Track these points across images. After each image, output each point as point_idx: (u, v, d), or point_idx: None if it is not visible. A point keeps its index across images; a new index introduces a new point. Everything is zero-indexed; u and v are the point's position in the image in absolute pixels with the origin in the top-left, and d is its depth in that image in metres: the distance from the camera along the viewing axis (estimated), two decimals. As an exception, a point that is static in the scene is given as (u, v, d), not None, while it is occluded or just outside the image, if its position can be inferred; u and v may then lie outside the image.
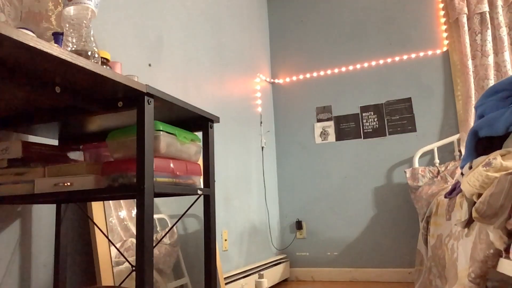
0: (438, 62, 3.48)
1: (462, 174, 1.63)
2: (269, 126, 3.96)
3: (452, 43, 3.44)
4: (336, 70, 3.86)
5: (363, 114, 3.68)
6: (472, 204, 1.41)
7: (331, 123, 3.78)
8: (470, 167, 1.47)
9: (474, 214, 1.31)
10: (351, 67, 3.80)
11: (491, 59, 3.23)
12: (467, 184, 1.41)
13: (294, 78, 4.02)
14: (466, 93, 3.27)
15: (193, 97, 2.63)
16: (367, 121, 3.65)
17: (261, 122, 3.74)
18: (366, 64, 3.74)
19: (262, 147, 3.69)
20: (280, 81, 4.08)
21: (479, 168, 1.35)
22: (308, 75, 3.97)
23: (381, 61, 3.69)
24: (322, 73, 3.91)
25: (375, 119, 3.63)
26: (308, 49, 4.00)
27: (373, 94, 3.68)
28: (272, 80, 4.12)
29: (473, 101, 3.24)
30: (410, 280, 3.25)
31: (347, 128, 3.72)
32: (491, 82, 3.20)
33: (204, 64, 2.85)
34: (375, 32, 3.74)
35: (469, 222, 1.50)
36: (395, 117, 3.55)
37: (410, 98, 3.53)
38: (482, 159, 1.42)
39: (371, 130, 3.63)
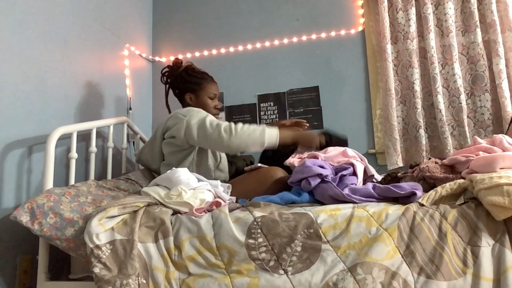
0: (352, 44, 2.64)
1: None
2: (144, 115, 2.87)
3: (369, 21, 2.64)
4: (231, 49, 2.87)
5: (261, 105, 2.74)
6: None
7: (222, 114, 2.80)
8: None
9: None
10: (249, 46, 2.83)
11: (415, 43, 2.46)
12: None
13: (181, 56, 2.96)
14: (385, 83, 2.47)
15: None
16: (265, 114, 2.72)
17: (129, 108, 2.64)
18: (267, 43, 2.81)
19: (133, 142, 2.60)
20: (163, 59, 3.00)
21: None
22: (197, 54, 2.94)
23: (285, 40, 2.77)
24: (214, 51, 2.91)
25: (275, 111, 2.71)
26: (200, 22, 2.97)
27: (274, 81, 2.75)
28: (152, 58, 3.03)
29: (394, 94, 2.45)
30: None
31: (241, 121, 2.75)
32: (416, 71, 2.41)
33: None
34: (279, 5, 2.83)
35: None
36: (299, 110, 2.65)
37: (317, 87, 2.65)
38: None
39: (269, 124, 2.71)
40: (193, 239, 1.21)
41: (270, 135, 1.62)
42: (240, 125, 1.63)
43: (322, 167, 1.43)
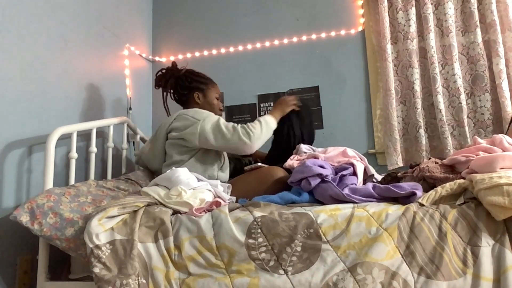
0: (352, 44, 2.63)
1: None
2: (144, 115, 2.87)
3: (369, 21, 2.64)
4: (231, 49, 2.87)
5: (261, 105, 2.74)
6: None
7: (222, 114, 2.79)
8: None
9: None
10: (249, 46, 2.83)
11: (415, 43, 2.46)
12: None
13: (181, 56, 2.96)
14: (385, 83, 2.47)
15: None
16: (265, 114, 2.72)
17: (129, 108, 2.64)
18: (267, 43, 2.80)
19: (133, 142, 2.60)
20: (163, 59, 3.00)
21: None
22: (197, 54, 2.94)
23: (285, 40, 2.77)
24: (214, 51, 2.91)
25: (275, 112, 2.71)
26: (200, 22, 2.97)
27: (274, 81, 2.75)
28: (152, 58, 3.03)
29: (394, 94, 2.44)
30: None
31: (242, 121, 2.76)
32: (416, 71, 2.41)
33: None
34: (279, 5, 2.83)
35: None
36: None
37: (317, 87, 2.66)
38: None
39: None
40: (193, 239, 1.21)
41: (271, 122, 1.81)
42: (250, 126, 1.73)
43: (322, 167, 1.43)
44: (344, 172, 1.45)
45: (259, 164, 1.71)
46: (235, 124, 1.73)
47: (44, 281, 1.44)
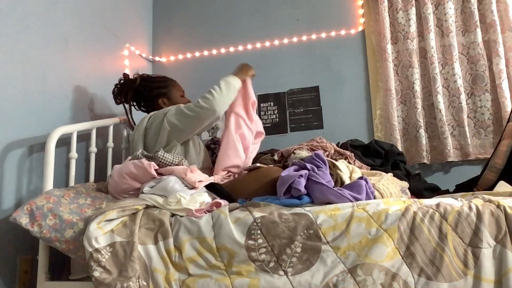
0: (352, 44, 2.62)
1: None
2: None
3: (369, 21, 2.63)
4: (231, 49, 2.86)
5: (261, 105, 2.72)
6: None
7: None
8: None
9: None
10: (249, 46, 2.82)
11: (415, 43, 2.45)
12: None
13: (181, 56, 2.95)
14: (386, 83, 2.46)
15: None
16: (265, 114, 2.71)
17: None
18: (267, 43, 2.79)
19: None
20: (163, 59, 2.99)
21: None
22: (197, 54, 2.92)
23: (285, 41, 2.76)
24: (214, 51, 2.90)
25: (276, 112, 2.69)
26: (200, 22, 2.96)
27: (274, 81, 2.74)
28: (152, 58, 3.02)
29: (394, 94, 2.43)
30: None
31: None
32: (416, 71, 2.40)
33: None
34: (279, 5, 2.82)
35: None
36: (299, 110, 2.64)
37: (317, 87, 2.64)
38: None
39: (270, 125, 2.69)
40: (193, 240, 1.20)
41: (234, 80, 1.76)
42: (209, 91, 1.66)
43: (297, 169, 1.40)
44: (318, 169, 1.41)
45: (258, 164, 1.70)
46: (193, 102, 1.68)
47: (44, 281, 1.43)
